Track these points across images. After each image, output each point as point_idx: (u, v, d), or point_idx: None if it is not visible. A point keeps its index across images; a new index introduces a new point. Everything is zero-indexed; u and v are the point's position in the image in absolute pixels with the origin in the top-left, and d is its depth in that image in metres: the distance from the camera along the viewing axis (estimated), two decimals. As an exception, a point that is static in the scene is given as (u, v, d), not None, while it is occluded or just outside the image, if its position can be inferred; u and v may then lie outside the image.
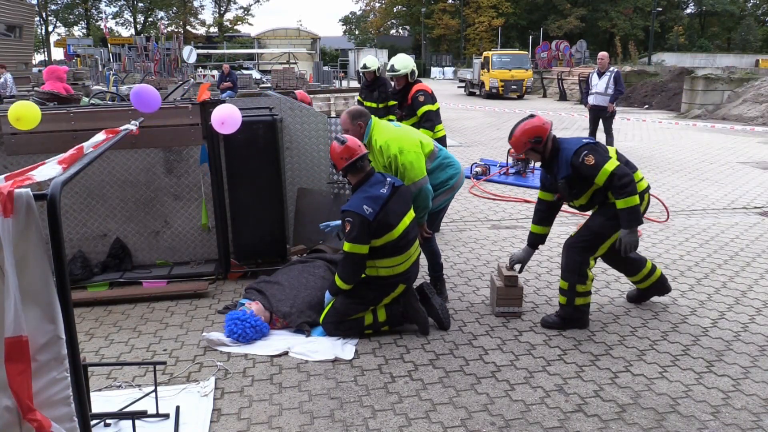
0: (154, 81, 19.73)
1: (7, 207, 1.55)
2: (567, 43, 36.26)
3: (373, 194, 3.70)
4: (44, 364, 1.71)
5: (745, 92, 17.92)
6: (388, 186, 3.77)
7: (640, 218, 3.78)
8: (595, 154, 3.79)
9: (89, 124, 4.52)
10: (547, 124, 3.97)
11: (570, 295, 3.98)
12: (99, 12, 59.61)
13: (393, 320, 3.92)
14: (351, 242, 3.65)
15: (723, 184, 8.75)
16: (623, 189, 3.71)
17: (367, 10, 69.51)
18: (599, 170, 3.75)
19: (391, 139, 4.11)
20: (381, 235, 3.70)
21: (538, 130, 3.92)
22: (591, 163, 3.76)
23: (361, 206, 3.64)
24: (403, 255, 3.81)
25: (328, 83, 27.86)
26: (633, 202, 3.71)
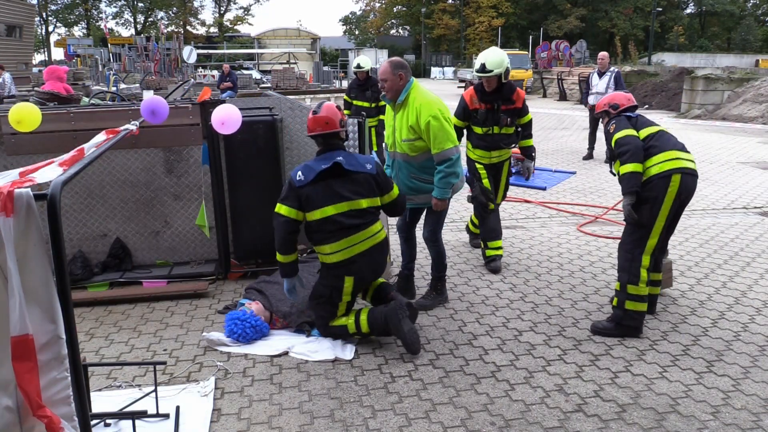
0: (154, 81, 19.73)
1: (7, 207, 1.56)
2: (567, 43, 36.25)
3: (313, 165, 3.66)
4: (45, 363, 1.71)
5: (745, 92, 17.92)
6: (331, 163, 3.63)
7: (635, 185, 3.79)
8: (616, 123, 4.01)
9: (89, 124, 4.51)
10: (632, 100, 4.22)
11: (621, 297, 3.91)
12: (99, 12, 59.61)
13: (378, 332, 3.78)
14: (279, 203, 3.66)
15: (723, 184, 8.75)
16: (620, 156, 3.87)
17: (367, 10, 69.51)
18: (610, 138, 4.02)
19: (431, 101, 3.99)
20: (307, 209, 3.63)
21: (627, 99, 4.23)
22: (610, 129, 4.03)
23: (297, 171, 3.64)
24: (341, 242, 3.62)
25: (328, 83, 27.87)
26: (629, 169, 3.78)
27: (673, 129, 15.53)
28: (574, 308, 4.39)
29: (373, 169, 3.75)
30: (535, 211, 7.33)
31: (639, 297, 3.87)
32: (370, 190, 3.72)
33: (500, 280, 4.96)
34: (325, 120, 3.71)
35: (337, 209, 3.62)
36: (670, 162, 3.83)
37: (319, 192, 3.61)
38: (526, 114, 5.13)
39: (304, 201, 3.61)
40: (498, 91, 4.96)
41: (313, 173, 3.61)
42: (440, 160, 3.97)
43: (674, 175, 3.79)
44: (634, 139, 3.87)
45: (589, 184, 8.71)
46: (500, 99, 4.97)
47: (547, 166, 9.90)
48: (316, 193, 3.60)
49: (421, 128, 3.94)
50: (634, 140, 3.86)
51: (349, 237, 3.65)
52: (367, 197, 3.71)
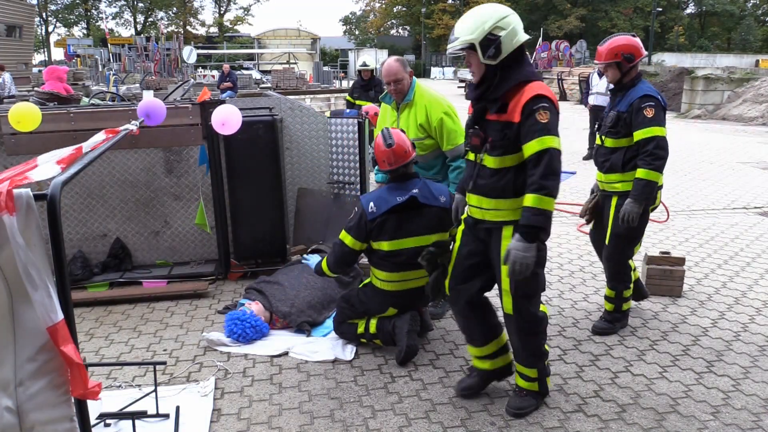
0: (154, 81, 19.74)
1: (8, 206, 1.56)
2: (567, 43, 36.28)
3: (387, 197, 3.50)
4: (44, 363, 1.71)
5: (745, 92, 17.93)
6: (407, 197, 3.48)
7: (652, 196, 3.65)
8: (656, 110, 3.60)
9: (89, 124, 4.51)
10: (642, 51, 3.78)
11: (618, 302, 3.97)
12: (99, 12, 59.63)
13: (383, 337, 3.67)
14: (345, 230, 3.57)
15: (723, 184, 8.76)
16: (654, 160, 3.56)
17: (367, 10, 69.55)
18: (648, 126, 3.58)
19: (438, 98, 3.96)
20: (375, 239, 3.53)
21: (636, 49, 3.73)
22: (649, 115, 3.59)
23: (369, 202, 3.51)
24: (398, 274, 3.56)
25: (328, 83, 27.90)
26: (654, 177, 3.56)
27: (674, 129, 15.57)
28: (574, 308, 4.39)
29: (447, 203, 3.53)
30: (535, 211, 7.31)
31: (630, 295, 4.03)
32: (440, 225, 3.56)
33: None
34: (403, 150, 3.50)
35: (406, 244, 3.51)
36: None
37: (391, 224, 3.49)
38: (531, 138, 2.65)
39: (373, 233, 3.51)
40: (482, 83, 2.79)
41: (387, 206, 3.47)
42: (455, 156, 3.92)
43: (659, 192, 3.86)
44: (667, 143, 3.64)
45: (589, 184, 8.69)
46: (484, 99, 2.83)
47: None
48: (387, 225, 3.48)
49: (433, 126, 3.89)
50: (667, 145, 3.64)
51: (410, 271, 3.55)
52: (438, 232, 3.56)
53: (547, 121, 2.64)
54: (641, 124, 3.60)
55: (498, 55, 2.67)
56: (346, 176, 5.17)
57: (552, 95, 2.72)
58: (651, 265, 4.59)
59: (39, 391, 1.72)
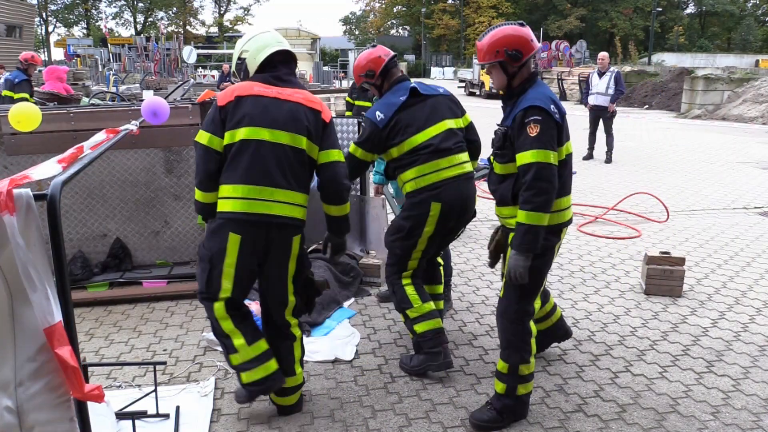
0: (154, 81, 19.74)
1: (8, 206, 1.56)
2: (567, 43, 36.28)
3: (389, 100, 3.44)
4: (44, 363, 1.71)
5: (745, 92, 17.93)
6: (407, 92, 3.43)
7: (536, 245, 2.72)
8: (543, 127, 2.68)
9: (89, 124, 4.51)
10: (536, 44, 2.86)
11: (511, 381, 2.91)
12: (99, 12, 59.64)
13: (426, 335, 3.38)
14: (355, 144, 3.47)
15: (723, 184, 8.76)
16: (534, 195, 2.66)
17: (367, 10, 69.57)
18: (528, 149, 2.69)
19: None
20: (395, 143, 3.37)
21: (524, 43, 2.79)
22: (532, 133, 2.69)
23: (374, 111, 3.41)
24: (428, 164, 3.31)
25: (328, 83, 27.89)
26: (536, 220, 2.68)
27: (673, 129, 15.59)
28: (574, 308, 4.39)
29: (446, 92, 3.58)
30: (535, 211, 7.31)
31: (530, 375, 2.95)
32: (451, 111, 3.50)
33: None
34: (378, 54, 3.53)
35: (426, 135, 3.35)
36: (564, 212, 2.92)
37: (405, 122, 3.37)
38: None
39: (389, 138, 3.37)
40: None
41: (393, 107, 3.38)
42: None
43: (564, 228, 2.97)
44: (555, 171, 2.71)
45: (589, 184, 8.71)
46: None
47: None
48: (400, 125, 3.36)
49: None
50: (554, 175, 2.71)
51: (438, 160, 3.32)
52: (452, 117, 3.47)
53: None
54: (521, 145, 2.72)
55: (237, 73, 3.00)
56: (346, 176, 5.16)
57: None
58: (651, 265, 4.59)
59: (39, 392, 1.72)
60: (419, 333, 3.39)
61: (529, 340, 2.91)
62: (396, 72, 3.58)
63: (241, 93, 2.76)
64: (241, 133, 2.70)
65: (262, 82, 2.81)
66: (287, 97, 2.80)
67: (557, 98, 2.83)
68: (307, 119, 2.82)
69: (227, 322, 2.85)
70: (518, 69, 2.81)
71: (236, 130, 2.71)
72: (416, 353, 3.48)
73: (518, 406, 2.95)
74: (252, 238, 2.73)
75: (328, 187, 2.95)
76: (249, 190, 2.70)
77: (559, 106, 2.80)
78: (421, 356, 3.41)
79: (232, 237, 2.70)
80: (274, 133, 2.72)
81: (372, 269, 4.85)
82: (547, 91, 2.82)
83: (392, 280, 3.56)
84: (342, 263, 4.72)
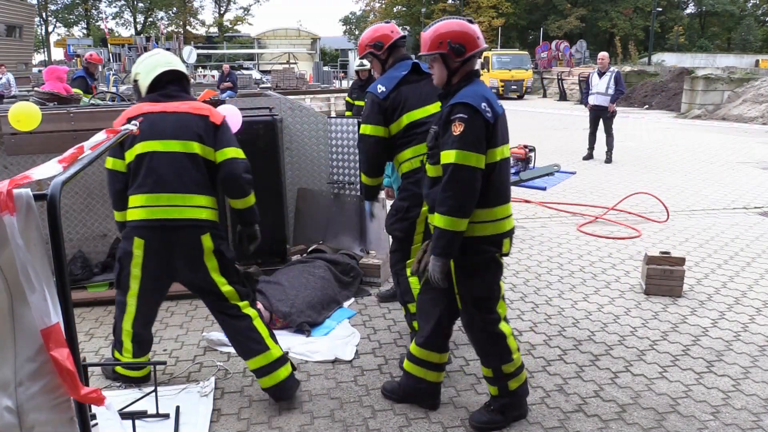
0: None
1: (8, 206, 1.56)
2: (567, 43, 36.26)
3: (391, 74, 3.46)
4: (44, 363, 1.71)
5: (745, 92, 17.93)
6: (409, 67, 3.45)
7: (450, 249, 2.63)
8: (468, 126, 2.55)
9: (89, 124, 4.51)
10: (481, 43, 2.75)
11: (500, 382, 2.91)
12: (99, 12, 59.57)
13: None
14: (363, 122, 3.44)
15: (723, 184, 8.76)
16: (449, 198, 2.56)
17: (367, 10, 69.49)
18: (449, 148, 2.58)
19: None
20: (393, 119, 3.37)
21: (469, 39, 2.71)
22: (456, 131, 2.56)
23: (376, 85, 3.43)
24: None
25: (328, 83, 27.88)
26: (450, 224, 2.57)
27: (673, 129, 15.58)
28: (574, 308, 4.39)
29: None
30: (535, 211, 7.32)
31: (518, 370, 2.92)
32: None
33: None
34: (391, 29, 3.53)
35: (424, 112, 3.36)
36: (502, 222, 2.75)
37: (404, 96, 3.37)
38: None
39: (389, 112, 3.37)
40: None
41: (395, 80, 3.39)
42: None
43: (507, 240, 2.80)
44: (478, 176, 2.58)
45: (589, 184, 8.71)
46: None
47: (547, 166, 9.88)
48: (399, 100, 3.36)
49: None
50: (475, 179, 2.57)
51: None
52: None
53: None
54: (444, 143, 2.62)
55: None
56: (346, 176, 5.17)
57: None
58: (651, 265, 4.59)
59: (39, 392, 1.72)
60: None
61: (503, 342, 2.87)
62: (402, 51, 3.57)
63: (131, 115, 2.98)
64: (137, 149, 2.94)
65: (150, 102, 3.05)
66: (173, 109, 3.00)
67: (494, 98, 2.72)
68: (197, 125, 3.00)
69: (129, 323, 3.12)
70: (460, 65, 2.73)
71: (132, 148, 2.96)
72: None
73: (516, 400, 2.95)
74: (154, 242, 2.94)
75: (228, 182, 3.07)
76: (148, 199, 2.92)
77: (494, 106, 2.66)
78: None
79: (137, 241, 2.95)
80: (165, 143, 2.92)
81: (372, 269, 4.85)
82: (481, 90, 2.69)
83: (396, 270, 3.54)
84: (342, 263, 4.73)
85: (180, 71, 3.11)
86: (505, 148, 2.73)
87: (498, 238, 2.75)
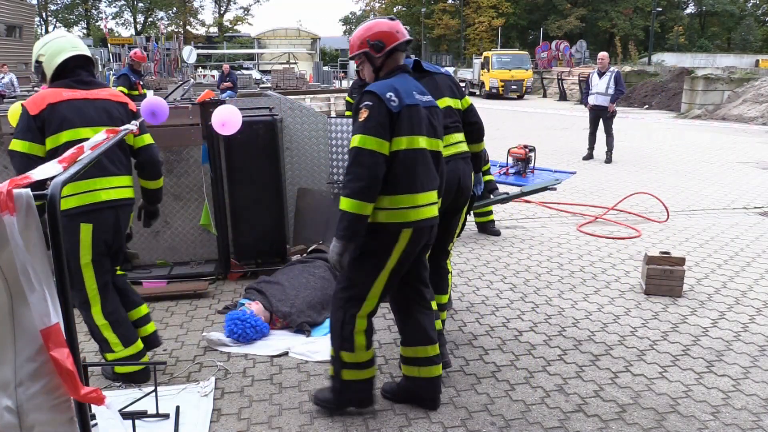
0: (154, 81, 19.73)
1: (8, 206, 1.56)
2: (567, 43, 36.27)
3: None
4: (44, 363, 1.71)
5: (745, 92, 17.93)
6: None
7: (351, 233, 2.64)
8: (373, 113, 2.64)
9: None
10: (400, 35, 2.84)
11: (336, 365, 2.96)
12: (99, 12, 59.58)
13: None
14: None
15: (723, 184, 8.75)
16: (350, 181, 2.63)
17: (367, 10, 69.51)
18: (354, 133, 2.70)
19: None
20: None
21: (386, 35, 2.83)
22: (361, 117, 2.67)
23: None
24: None
25: (328, 83, 27.86)
26: (353, 207, 2.61)
27: (673, 129, 15.58)
28: (574, 308, 4.39)
29: (448, 72, 3.60)
30: (535, 211, 7.32)
31: (359, 364, 2.94)
32: (450, 90, 3.50)
33: (500, 280, 4.96)
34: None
35: None
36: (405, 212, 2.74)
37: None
38: None
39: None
40: None
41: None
42: None
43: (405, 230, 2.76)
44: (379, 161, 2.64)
45: (589, 184, 8.71)
46: None
47: (547, 166, 9.90)
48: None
49: None
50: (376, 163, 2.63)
51: None
52: (450, 97, 3.48)
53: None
54: (353, 130, 2.72)
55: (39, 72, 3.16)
56: (346, 176, 5.16)
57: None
58: (651, 265, 4.59)
59: (39, 392, 1.72)
60: None
61: (349, 332, 2.87)
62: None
63: (52, 101, 3.00)
64: (65, 136, 2.97)
65: (66, 88, 3.08)
66: (96, 96, 3.12)
67: (407, 89, 2.78)
68: (119, 112, 3.18)
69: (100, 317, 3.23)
70: (383, 59, 2.84)
71: (58, 134, 2.98)
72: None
73: (345, 390, 2.97)
74: (103, 223, 3.09)
75: (147, 166, 3.34)
76: (89, 184, 3.03)
77: (401, 96, 2.71)
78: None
79: (84, 227, 3.05)
80: (95, 129, 2.91)
81: (372, 269, 4.85)
82: (396, 81, 2.78)
83: None
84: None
85: (87, 56, 3.16)
86: (415, 139, 2.75)
87: (397, 227, 2.75)
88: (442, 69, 3.60)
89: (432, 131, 2.87)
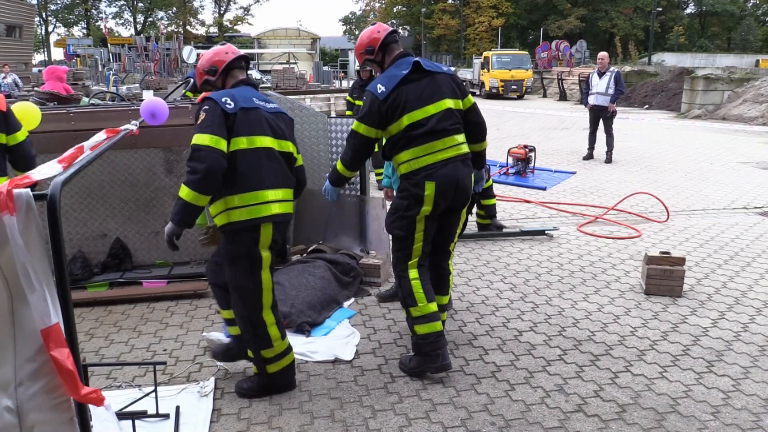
0: (154, 81, 19.74)
1: (8, 206, 1.56)
2: (567, 43, 36.26)
3: (391, 73, 3.39)
4: (44, 363, 1.71)
5: (745, 92, 17.93)
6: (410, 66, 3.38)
7: (180, 218, 2.87)
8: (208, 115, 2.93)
9: (89, 124, 4.51)
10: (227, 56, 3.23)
11: (258, 363, 3.18)
12: (99, 12, 59.61)
13: None
14: (357, 121, 3.41)
15: (723, 184, 8.75)
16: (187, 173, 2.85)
17: (367, 10, 69.49)
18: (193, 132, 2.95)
19: None
20: (392, 120, 3.33)
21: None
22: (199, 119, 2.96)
23: (376, 85, 3.35)
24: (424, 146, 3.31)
25: (328, 83, 27.84)
26: (188, 196, 2.83)
27: (673, 129, 15.57)
28: (574, 308, 4.39)
29: (450, 71, 3.55)
30: (535, 211, 7.32)
31: (277, 356, 3.17)
32: (452, 91, 3.45)
33: (500, 280, 4.96)
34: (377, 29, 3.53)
35: (424, 112, 3.32)
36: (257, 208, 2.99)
37: (403, 97, 3.31)
38: None
39: (389, 113, 3.31)
40: None
41: (395, 80, 3.33)
42: None
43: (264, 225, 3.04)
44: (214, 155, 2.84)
45: (589, 184, 8.71)
46: None
47: (547, 166, 9.90)
48: (400, 100, 3.30)
49: None
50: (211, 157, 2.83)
51: (434, 142, 3.31)
52: (452, 97, 3.43)
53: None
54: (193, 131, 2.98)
55: None
56: (346, 176, 5.16)
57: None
58: (651, 265, 4.59)
59: (39, 392, 1.72)
60: (419, 334, 3.38)
61: (262, 331, 3.11)
62: (396, 47, 3.53)
63: None
64: None
65: None
66: None
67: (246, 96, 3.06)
68: None
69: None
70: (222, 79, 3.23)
71: None
72: (414, 354, 3.47)
73: (270, 382, 3.22)
74: None
75: (24, 161, 3.52)
76: None
77: (237, 101, 3.00)
78: (419, 358, 3.40)
79: None
80: None
81: (372, 269, 4.85)
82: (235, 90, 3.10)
83: (399, 272, 3.48)
84: (342, 263, 4.73)
85: None
86: (256, 139, 3.01)
87: (255, 222, 2.99)
88: (444, 68, 3.56)
89: (280, 134, 3.15)
